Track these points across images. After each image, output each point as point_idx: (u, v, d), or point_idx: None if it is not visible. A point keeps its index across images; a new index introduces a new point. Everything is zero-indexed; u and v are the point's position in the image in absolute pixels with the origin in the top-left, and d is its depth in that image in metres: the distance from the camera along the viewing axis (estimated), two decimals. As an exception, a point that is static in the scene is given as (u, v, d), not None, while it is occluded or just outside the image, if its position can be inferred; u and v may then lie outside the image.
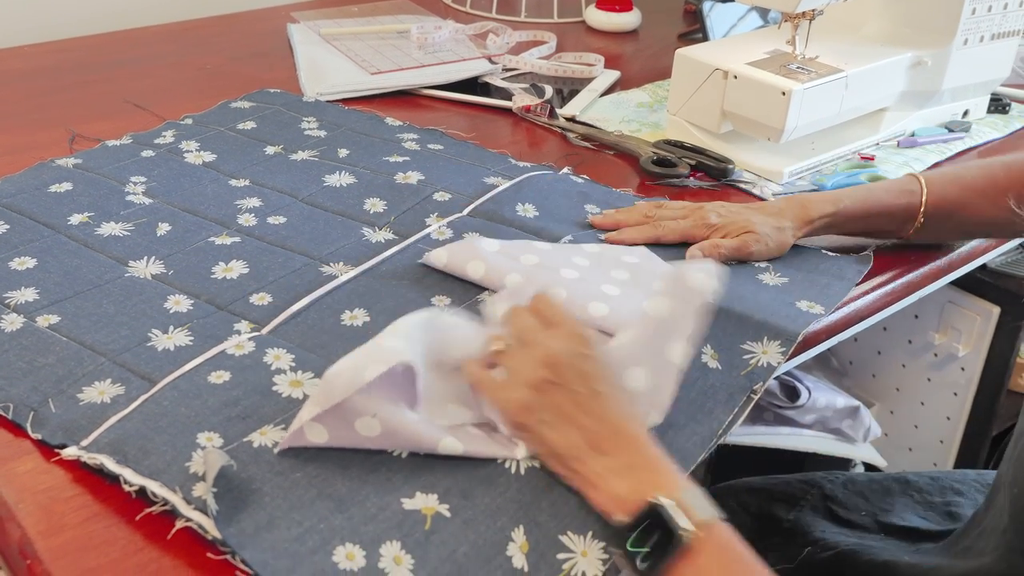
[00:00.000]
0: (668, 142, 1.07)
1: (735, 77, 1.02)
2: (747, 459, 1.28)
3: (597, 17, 1.48)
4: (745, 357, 0.72)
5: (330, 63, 1.27)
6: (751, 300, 0.78)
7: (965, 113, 1.18)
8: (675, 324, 0.65)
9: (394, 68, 1.24)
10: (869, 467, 1.36)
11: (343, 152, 1.05)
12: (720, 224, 0.86)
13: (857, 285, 0.85)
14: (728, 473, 1.14)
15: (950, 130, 1.14)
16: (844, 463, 1.35)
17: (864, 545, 0.88)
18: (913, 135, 1.13)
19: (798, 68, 1.02)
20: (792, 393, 1.26)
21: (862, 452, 1.33)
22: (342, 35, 1.35)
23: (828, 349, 1.50)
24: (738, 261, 0.85)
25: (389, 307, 0.78)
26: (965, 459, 1.42)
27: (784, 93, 0.98)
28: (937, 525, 0.91)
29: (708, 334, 0.73)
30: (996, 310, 1.33)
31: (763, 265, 0.85)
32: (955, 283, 1.28)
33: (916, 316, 1.41)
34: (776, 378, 1.26)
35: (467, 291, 0.80)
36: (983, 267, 1.25)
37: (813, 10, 0.99)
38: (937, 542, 0.88)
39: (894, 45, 1.10)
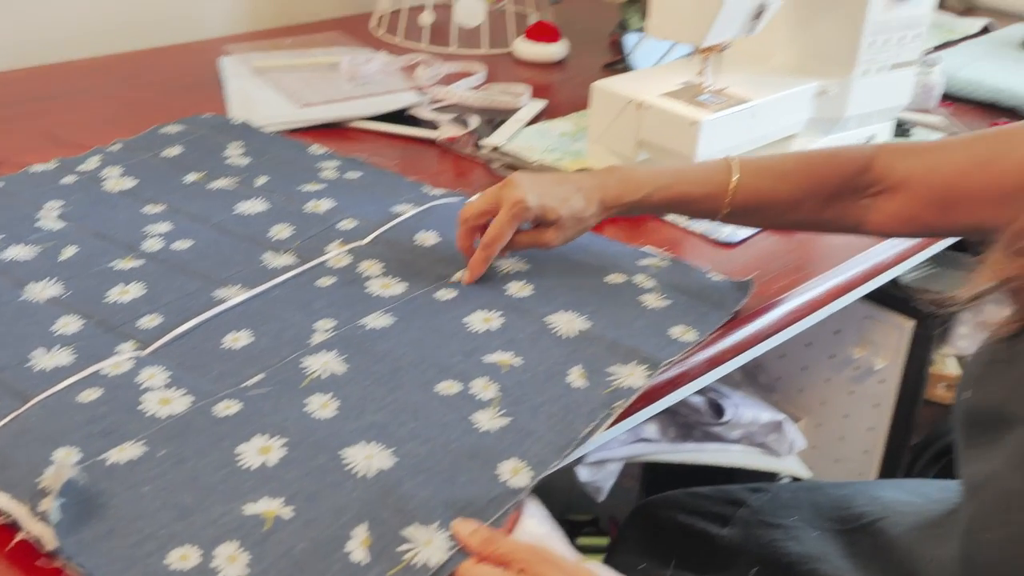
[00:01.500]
0: (587, 170, 1.11)
1: (648, 108, 1.06)
2: (679, 476, 1.32)
3: (525, 48, 1.53)
4: (609, 379, 0.77)
5: (260, 96, 1.29)
6: (627, 327, 0.83)
7: (870, 138, 1.24)
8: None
9: (324, 100, 1.27)
10: (796, 479, 1.41)
11: (261, 180, 1.07)
12: (536, 208, 0.85)
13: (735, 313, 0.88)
14: (660, 491, 1.18)
15: (857, 154, 1.20)
16: (772, 475, 1.40)
17: (807, 555, 0.92)
18: (821, 160, 1.18)
19: (708, 99, 1.07)
20: (718, 410, 1.31)
21: (788, 465, 1.38)
22: (274, 68, 1.38)
23: (756, 366, 1.56)
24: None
25: (273, 330, 0.81)
26: (888, 468, 1.48)
27: (693, 123, 1.03)
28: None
29: (579, 358, 0.78)
30: (910, 324, 1.38)
31: (648, 285, 0.89)
32: (872, 298, 1.34)
33: (837, 332, 1.47)
34: (702, 395, 1.31)
35: (352, 317, 0.83)
36: (895, 283, 1.31)
37: (720, 44, 1.04)
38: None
39: (799, 75, 1.15)
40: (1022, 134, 0.81)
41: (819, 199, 0.88)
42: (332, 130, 1.24)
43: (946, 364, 1.62)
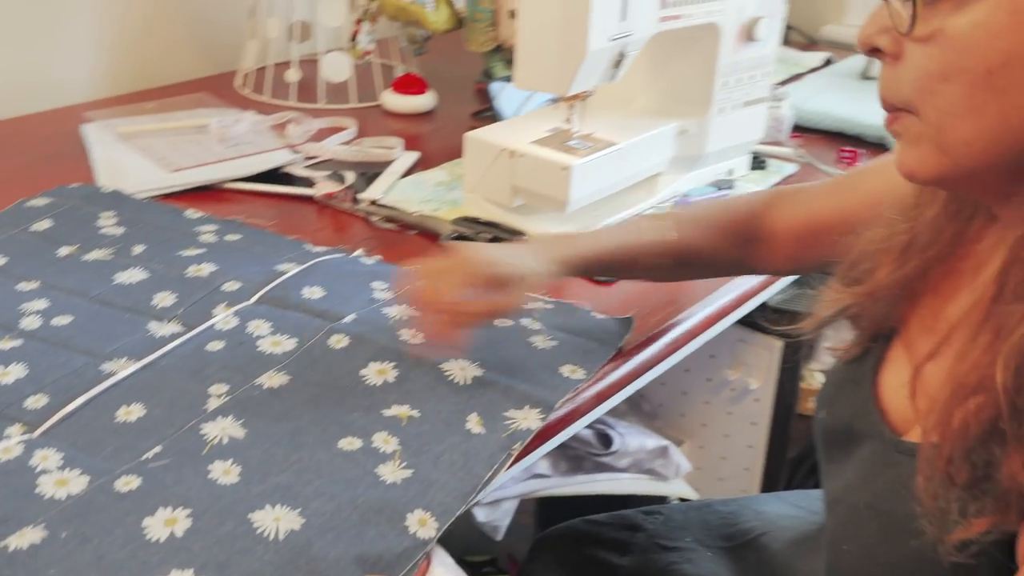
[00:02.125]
0: (466, 219, 1.14)
1: (520, 156, 1.10)
2: (573, 507, 1.35)
3: (394, 100, 1.55)
4: (506, 423, 0.79)
5: (128, 163, 1.28)
6: (519, 368, 0.86)
7: (730, 172, 1.31)
8: None
9: (195, 164, 1.27)
10: (684, 500, 1.46)
11: (139, 248, 1.06)
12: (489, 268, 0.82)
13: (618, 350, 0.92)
14: (555, 523, 1.20)
15: (718, 188, 1.27)
16: (662, 500, 1.44)
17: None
18: (686, 195, 1.24)
19: (577, 144, 1.12)
20: (606, 440, 1.35)
21: (676, 488, 1.43)
22: (140, 133, 1.36)
23: (639, 394, 1.61)
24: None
25: (166, 399, 0.81)
26: (768, 483, 1.55)
27: (564, 168, 1.07)
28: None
29: (476, 405, 0.80)
30: (779, 344, 1.46)
31: (536, 327, 0.93)
32: (742, 322, 1.40)
33: (712, 356, 1.53)
34: (590, 427, 1.35)
35: (245, 379, 0.84)
36: (764, 305, 1.38)
37: (585, 92, 1.09)
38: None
39: (661, 116, 1.21)
40: (869, 172, 0.86)
41: (727, 245, 0.93)
42: (206, 193, 1.23)
43: (815, 379, 1.70)
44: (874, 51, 0.61)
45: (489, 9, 1.51)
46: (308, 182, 1.25)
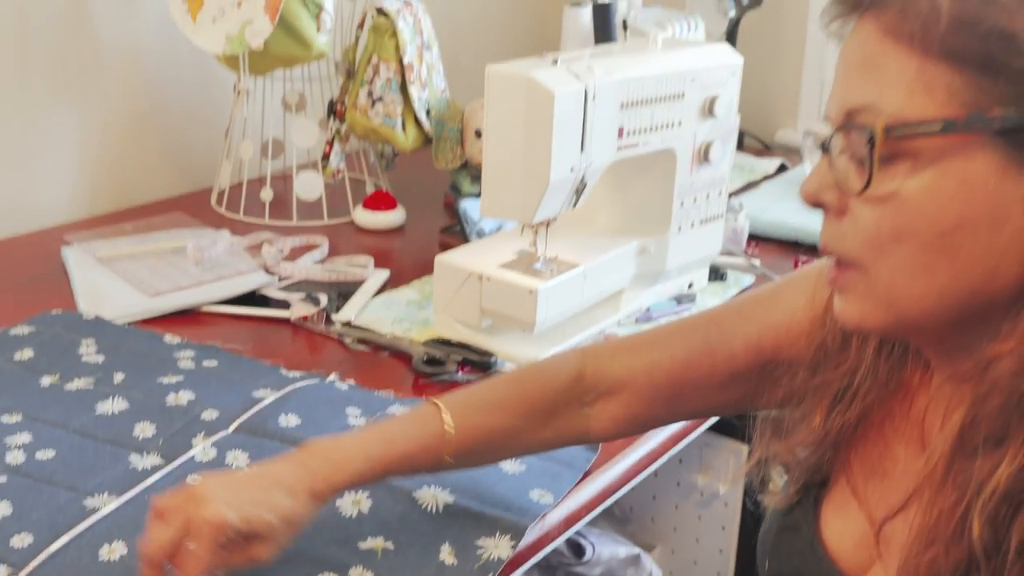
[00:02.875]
0: (437, 340, 1.18)
1: (488, 279, 1.15)
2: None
3: (364, 217, 1.60)
4: (479, 552, 0.82)
5: (108, 287, 1.31)
6: (489, 494, 0.89)
7: (690, 285, 1.36)
8: None
9: (173, 288, 1.30)
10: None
11: (119, 377, 1.09)
12: (239, 523, 0.72)
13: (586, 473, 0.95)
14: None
15: (679, 302, 1.32)
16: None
17: None
18: (648, 310, 1.29)
19: (542, 267, 1.17)
20: (579, 550, 1.37)
21: (649, 596, 1.45)
22: (118, 256, 1.40)
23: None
24: None
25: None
26: (740, 586, 1.56)
27: (531, 292, 1.11)
28: None
29: (448, 534, 0.83)
30: (744, 447, 1.49)
31: None
32: (707, 427, 1.44)
33: (680, 460, 1.56)
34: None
35: None
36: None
37: (548, 219, 1.14)
38: None
39: (622, 236, 1.27)
40: (732, 320, 0.82)
41: (536, 421, 0.84)
42: (184, 316, 1.27)
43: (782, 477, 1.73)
44: (818, 205, 0.63)
45: (455, 128, 1.58)
46: (283, 304, 1.29)
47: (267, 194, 1.61)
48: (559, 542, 0.93)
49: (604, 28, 1.33)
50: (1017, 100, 0.55)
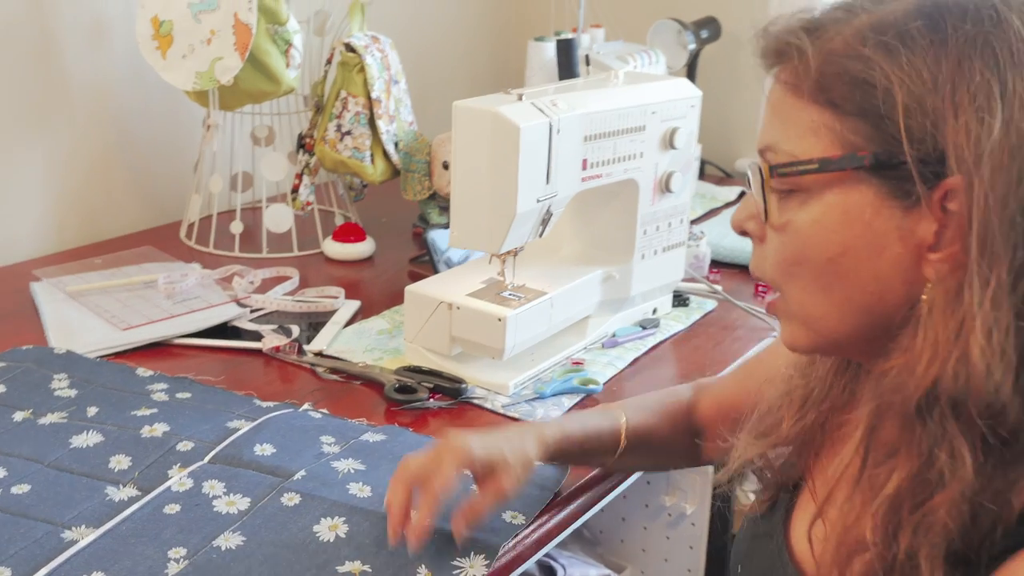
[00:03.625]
0: (408, 368, 1.20)
1: (458, 308, 1.18)
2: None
3: (334, 248, 1.63)
4: (455, 573, 0.85)
5: (79, 322, 1.32)
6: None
7: (654, 311, 1.40)
8: None
9: (144, 321, 1.32)
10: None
11: (92, 410, 1.10)
12: (481, 452, 0.85)
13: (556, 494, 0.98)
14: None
15: (644, 327, 1.35)
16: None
17: None
18: (614, 336, 1.32)
19: (510, 295, 1.20)
20: (550, 572, 1.39)
21: (619, 617, 1.47)
22: (89, 291, 1.41)
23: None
24: None
25: (126, 567, 0.84)
26: (709, 605, 1.59)
27: (500, 319, 1.14)
28: None
29: (424, 556, 0.85)
30: (710, 469, 1.52)
31: None
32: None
33: (648, 482, 1.59)
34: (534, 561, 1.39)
35: (201, 542, 0.87)
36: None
37: (516, 249, 1.17)
38: None
39: (587, 264, 1.30)
40: (767, 352, 0.96)
41: (677, 432, 1.00)
42: (156, 349, 1.28)
43: (749, 498, 1.77)
44: (744, 233, 0.72)
45: (423, 160, 1.61)
46: (255, 335, 1.31)
47: (237, 227, 1.62)
48: (530, 563, 0.95)
49: (567, 63, 1.37)
50: (883, 141, 0.62)
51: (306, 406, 1.13)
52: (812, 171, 0.64)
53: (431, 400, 1.16)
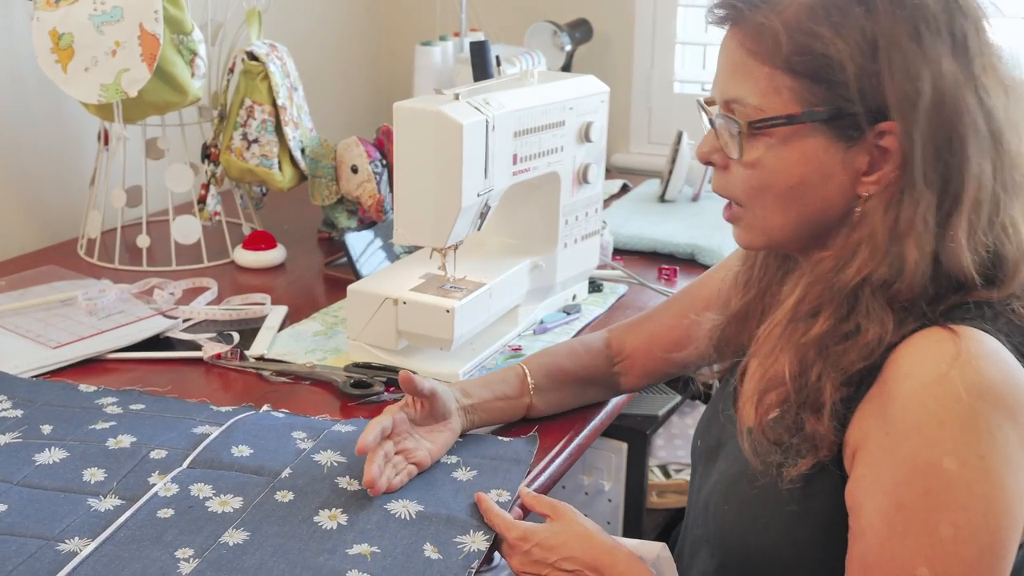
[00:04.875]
0: (357, 365, 1.23)
1: (404, 303, 1.22)
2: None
3: (246, 257, 1.63)
4: (459, 547, 0.90)
5: (4, 343, 1.28)
6: (453, 502, 0.96)
7: (574, 297, 1.47)
8: None
9: (74, 339, 1.29)
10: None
11: (47, 428, 1.08)
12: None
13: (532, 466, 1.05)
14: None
15: (568, 313, 1.42)
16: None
17: None
18: (543, 322, 1.39)
19: (451, 287, 1.25)
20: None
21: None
22: (3, 312, 1.37)
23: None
24: None
25: (137, 570, 0.85)
26: None
27: (448, 311, 1.19)
28: None
29: (427, 535, 0.90)
30: (624, 446, 1.62)
31: (453, 461, 1.03)
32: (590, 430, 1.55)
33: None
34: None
35: (206, 540, 0.89)
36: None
37: (457, 242, 1.22)
38: None
39: (515, 255, 1.36)
40: (698, 286, 1.14)
41: (596, 363, 1.17)
42: (90, 366, 1.26)
43: (654, 473, 1.87)
44: (709, 163, 0.89)
45: (330, 166, 1.63)
46: (191, 345, 1.31)
47: (144, 240, 1.60)
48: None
49: (482, 64, 1.43)
50: (835, 100, 0.79)
51: (265, 407, 1.14)
52: (781, 124, 0.81)
53: (386, 393, 1.19)
